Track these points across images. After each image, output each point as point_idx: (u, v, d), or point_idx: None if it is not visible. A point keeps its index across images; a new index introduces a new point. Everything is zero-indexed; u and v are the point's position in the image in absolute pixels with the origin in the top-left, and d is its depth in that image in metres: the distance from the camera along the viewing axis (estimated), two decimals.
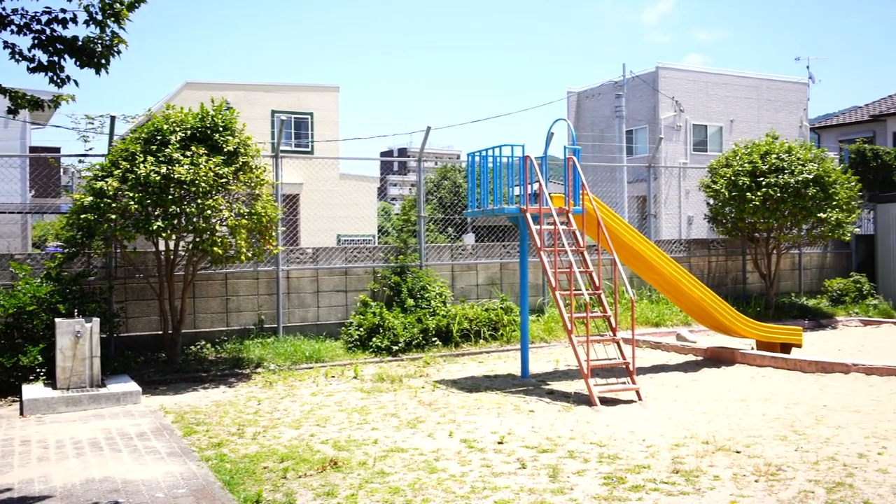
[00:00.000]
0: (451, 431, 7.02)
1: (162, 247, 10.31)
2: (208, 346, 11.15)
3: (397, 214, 21.68)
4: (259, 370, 10.40)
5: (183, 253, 10.27)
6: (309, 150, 26.41)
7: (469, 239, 16.36)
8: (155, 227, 9.30)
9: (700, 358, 11.10)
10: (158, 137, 9.67)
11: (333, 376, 10.08)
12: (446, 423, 7.41)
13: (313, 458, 6.26)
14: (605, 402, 8.16)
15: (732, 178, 14.06)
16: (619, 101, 25.19)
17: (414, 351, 11.56)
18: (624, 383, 8.52)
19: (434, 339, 11.78)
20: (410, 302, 12.08)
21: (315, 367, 10.66)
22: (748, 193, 13.73)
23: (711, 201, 14.86)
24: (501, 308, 12.56)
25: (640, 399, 8.26)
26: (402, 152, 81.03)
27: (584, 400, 8.25)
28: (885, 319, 14.63)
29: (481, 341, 12.12)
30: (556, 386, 9.20)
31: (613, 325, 8.87)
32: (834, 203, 13.85)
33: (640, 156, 28.49)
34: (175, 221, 9.47)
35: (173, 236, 9.73)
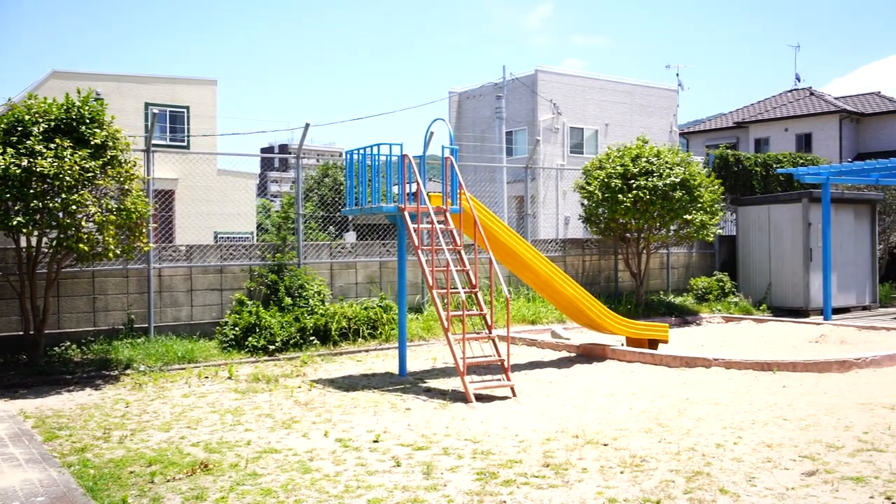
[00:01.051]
0: (326, 431, 6.98)
1: (24, 243, 9.82)
2: (74, 347, 10.67)
3: (277, 212, 21.35)
4: (128, 372, 10.04)
5: (46, 250, 9.80)
6: (185, 144, 25.66)
7: (351, 237, 16.31)
8: (15, 223, 8.86)
9: (573, 354, 11.42)
10: (19, 129, 9.21)
11: (207, 377, 9.84)
12: (322, 422, 7.36)
13: (183, 461, 6.09)
14: (481, 398, 8.29)
15: (605, 180, 14.53)
16: (499, 102, 25.61)
17: (291, 350, 11.41)
18: (499, 380, 8.68)
19: (312, 338, 11.66)
20: (288, 301, 11.92)
21: (188, 368, 10.38)
22: (620, 195, 14.23)
23: (585, 202, 15.31)
24: (380, 306, 12.56)
25: (514, 395, 8.43)
26: (284, 149, 79.67)
27: (460, 397, 8.35)
28: (745, 316, 15.43)
29: (360, 340, 12.08)
30: (433, 384, 9.28)
31: (489, 322, 9.02)
32: (699, 205, 14.52)
33: (519, 157, 29.02)
34: (37, 217, 9.03)
35: (35, 232, 9.28)
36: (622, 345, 11.32)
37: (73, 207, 9.00)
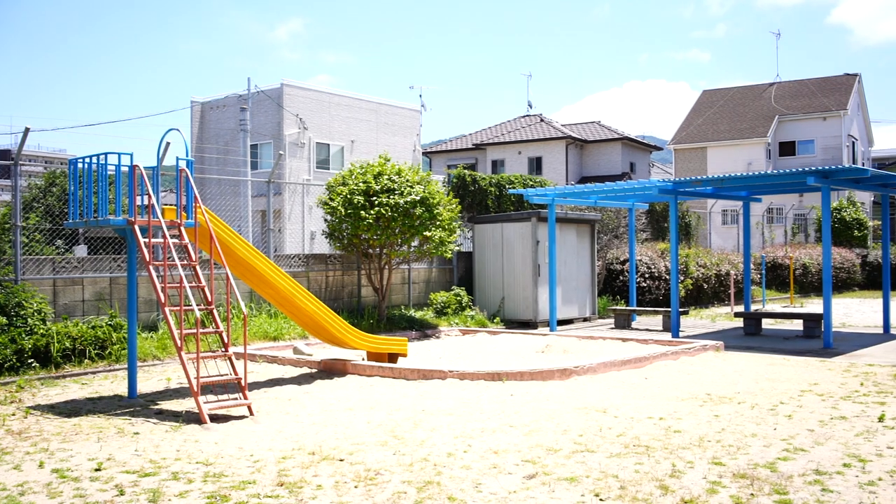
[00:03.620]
0: (41, 461, 6.41)
1: None
2: None
3: None
4: None
5: None
6: None
7: (81, 251, 15.16)
8: None
9: (315, 370, 11.38)
10: None
11: None
12: (37, 452, 6.75)
13: None
14: (217, 419, 8.02)
15: (348, 196, 14.67)
16: (243, 114, 25.10)
17: (6, 374, 10.40)
18: (236, 399, 8.44)
19: (31, 360, 10.70)
20: (3, 320, 10.85)
21: None
22: (362, 211, 14.42)
23: (329, 218, 15.36)
24: (110, 325, 11.79)
25: (251, 414, 8.24)
26: (6, 154, 72.91)
27: (194, 418, 8.02)
28: (481, 329, 16.20)
29: (87, 361, 11.26)
30: (166, 405, 8.85)
31: (226, 340, 8.76)
32: (438, 223, 15.07)
33: (265, 170, 28.57)
34: None
35: None
36: (363, 359, 11.45)
37: None
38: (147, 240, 8.81)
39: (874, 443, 6.72)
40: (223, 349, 8.78)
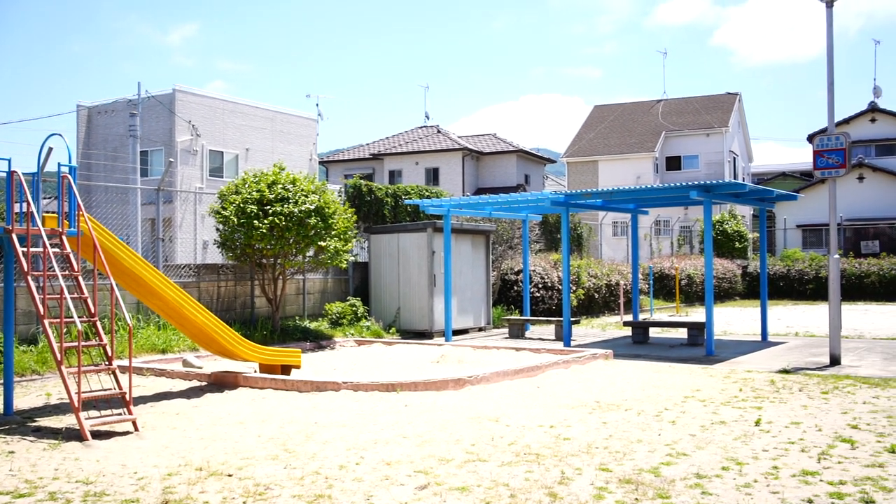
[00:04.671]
0: None
1: None
2: None
3: None
4: None
5: None
6: None
7: None
8: None
9: (205, 383, 11.10)
10: None
11: None
12: None
13: None
14: (99, 435, 7.72)
15: (241, 205, 14.41)
16: (133, 120, 24.31)
17: None
18: (120, 414, 8.15)
19: None
20: None
21: None
22: (256, 221, 14.19)
23: (221, 227, 15.05)
24: None
25: (136, 430, 7.96)
26: None
27: (75, 435, 7.70)
28: (376, 339, 16.15)
29: None
30: (45, 422, 8.46)
31: (110, 353, 8.45)
32: (333, 233, 14.97)
33: (156, 177, 27.71)
34: None
35: None
36: (255, 371, 11.25)
37: None
38: (26, 249, 8.42)
39: (751, 446, 7.02)
40: (107, 362, 8.47)
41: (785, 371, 11.73)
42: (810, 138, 38.61)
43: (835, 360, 12.42)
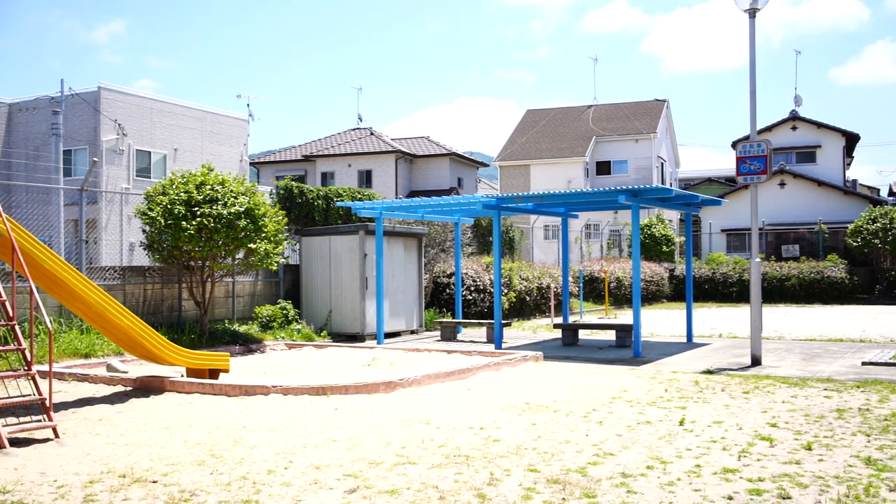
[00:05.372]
0: None
1: None
2: None
3: None
4: None
5: None
6: None
7: None
8: None
9: (130, 388, 10.85)
10: None
11: None
12: None
13: None
14: (17, 443, 7.48)
15: (169, 206, 14.14)
16: (56, 118, 23.62)
17: None
18: (39, 421, 7.91)
19: None
20: None
21: None
22: (184, 222, 13.94)
23: (148, 229, 14.74)
24: None
25: (57, 437, 7.74)
26: None
27: None
28: (307, 342, 16.01)
29: None
30: None
31: (29, 358, 8.20)
32: (263, 235, 14.79)
33: (79, 177, 26.99)
34: None
35: None
36: (182, 376, 11.04)
37: None
38: None
39: (675, 445, 7.18)
40: (26, 367, 8.21)
41: (708, 372, 12.03)
42: (734, 145, 39.64)
43: (756, 361, 12.79)
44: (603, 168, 46.91)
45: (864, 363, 12.58)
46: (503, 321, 16.41)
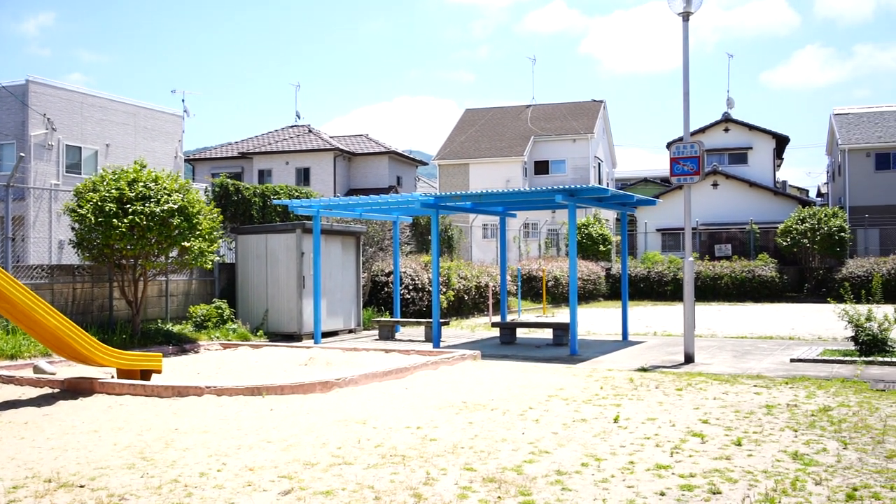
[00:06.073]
0: None
1: None
2: None
3: None
4: None
5: None
6: None
7: None
8: None
9: (58, 390, 10.55)
10: None
11: None
12: None
13: None
14: None
15: (99, 203, 13.79)
16: None
17: None
18: None
19: None
20: None
21: None
22: (115, 220, 13.61)
23: (77, 226, 14.35)
24: None
25: None
26: None
27: None
28: (243, 342, 15.79)
29: None
30: None
31: None
32: (198, 233, 14.53)
33: (5, 173, 26.17)
34: None
35: None
36: (113, 377, 10.78)
37: None
38: None
39: (609, 442, 7.27)
40: None
41: (643, 369, 12.21)
42: (668, 146, 40.38)
43: (689, 358, 13.03)
44: (541, 167, 47.31)
45: (792, 360, 12.92)
46: (442, 320, 16.42)
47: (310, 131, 48.99)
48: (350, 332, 18.92)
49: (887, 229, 36.81)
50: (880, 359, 12.21)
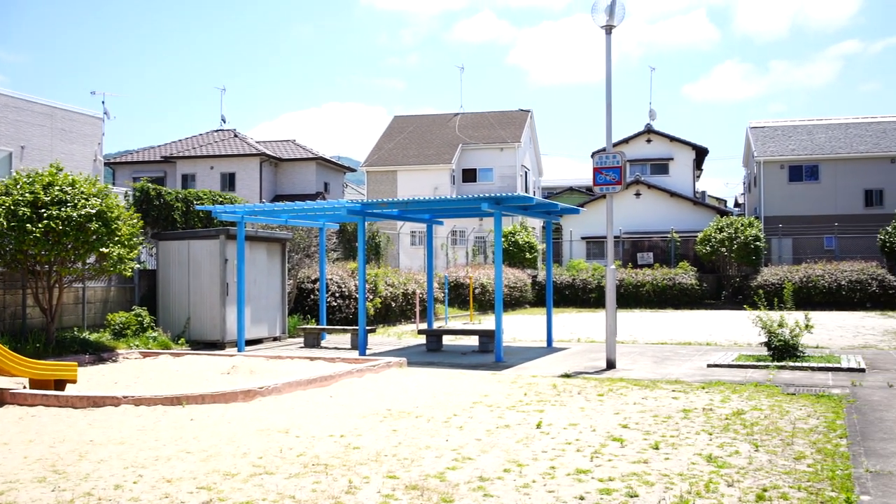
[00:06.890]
0: None
1: None
2: None
3: None
4: None
5: None
6: None
7: None
8: None
9: None
10: None
11: None
12: None
13: None
14: None
15: (12, 207, 13.33)
16: None
17: None
18: None
19: None
20: None
21: None
22: (29, 225, 13.18)
23: None
24: None
25: None
26: None
27: None
28: (164, 351, 15.44)
29: None
30: None
31: None
32: (116, 238, 14.16)
33: None
34: None
35: None
36: (25, 387, 10.42)
37: None
38: None
39: (531, 448, 7.34)
40: None
41: (566, 375, 12.38)
42: (593, 155, 41.09)
43: (611, 364, 13.26)
44: (469, 175, 47.59)
45: (709, 365, 13.26)
46: (368, 327, 16.36)
47: (235, 136, 48.29)
48: (275, 339, 18.69)
49: (800, 239, 38.15)
50: (791, 364, 12.64)
